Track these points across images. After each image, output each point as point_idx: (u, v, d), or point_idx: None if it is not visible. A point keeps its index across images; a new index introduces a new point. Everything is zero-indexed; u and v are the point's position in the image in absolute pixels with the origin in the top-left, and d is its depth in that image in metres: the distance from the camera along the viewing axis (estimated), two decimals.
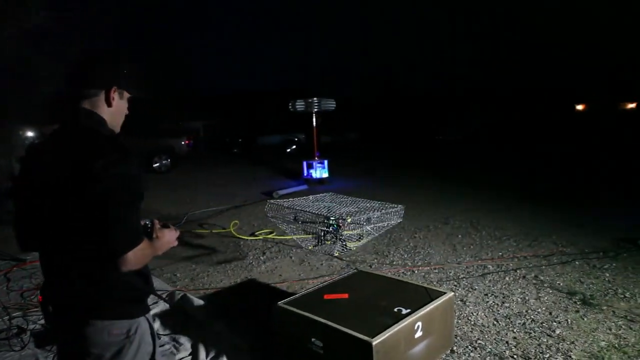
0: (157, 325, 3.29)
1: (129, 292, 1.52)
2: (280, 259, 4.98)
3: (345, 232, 4.29)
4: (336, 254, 4.66)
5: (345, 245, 4.40)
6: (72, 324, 1.49)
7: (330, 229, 4.28)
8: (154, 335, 1.60)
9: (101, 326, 1.47)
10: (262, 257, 5.06)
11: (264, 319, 3.34)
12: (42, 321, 3.21)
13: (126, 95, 1.64)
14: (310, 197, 5.06)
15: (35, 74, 8.04)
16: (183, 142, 14.62)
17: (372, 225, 4.33)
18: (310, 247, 4.57)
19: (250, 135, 21.54)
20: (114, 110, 1.59)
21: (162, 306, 3.68)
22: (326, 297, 2.83)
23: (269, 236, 5.87)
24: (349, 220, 4.19)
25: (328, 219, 4.31)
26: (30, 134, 10.47)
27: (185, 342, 3.04)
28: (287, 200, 4.90)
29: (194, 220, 6.92)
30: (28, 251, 3.35)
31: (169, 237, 1.62)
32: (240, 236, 5.89)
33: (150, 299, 3.65)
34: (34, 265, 4.59)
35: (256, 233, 6.01)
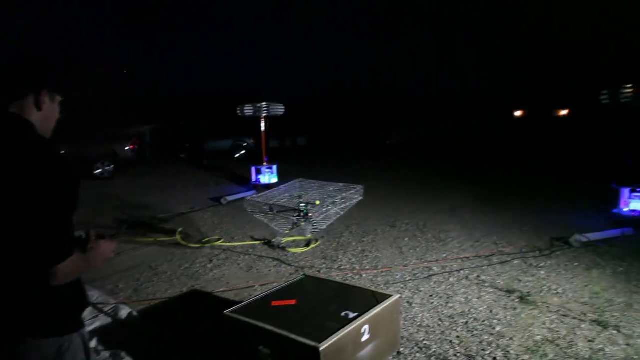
0: (96, 340, 3.14)
1: (60, 307, 1.43)
2: (228, 267, 4.90)
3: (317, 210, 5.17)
4: (309, 235, 5.47)
5: (316, 227, 5.25)
6: (2, 342, 1.40)
7: (302, 215, 5.16)
8: (88, 353, 1.52)
9: (32, 344, 1.38)
10: (209, 265, 4.96)
11: (211, 328, 3.27)
12: None
13: (58, 98, 1.56)
14: (282, 187, 5.56)
15: None
16: (127, 147, 14.12)
17: (338, 208, 5.38)
18: (286, 231, 5.32)
19: (198, 140, 21.08)
20: (45, 115, 1.50)
21: (103, 320, 3.53)
22: (274, 303, 2.81)
23: (217, 243, 5.76)
24: (317, 203, 5.27)
25: (299, 206, 5.19)
26: None
27: (127, 358, 2.92)
28: (261, 195, 5.77)
29: (138, 229, 6.68)
30: None
31: (104, 249, 1.55)
32: (187, 244, 5.75)
33: (90, 313, 3.50)
34: None
35: (203, 240, 5.88)
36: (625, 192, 6.07)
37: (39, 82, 1.48)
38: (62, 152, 11.77)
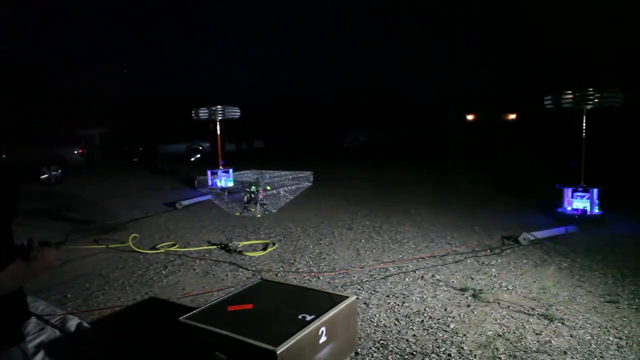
0: (41, 355, 2.98)
1: None
2: (184, 272, 4.79)
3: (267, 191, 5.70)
4: (259, 215, 5.92)
5: (266, 208, 5.85)
6: None
7: (252, 195, 5.60)
8: None
9: None
10: (163, 271, 4.83)
11: (166, 336, 3.19)
12: None
13: None
14: (235, 173, 5.88)
15: None
16: (76, 151, 13.57)
17: (286, 188, 6.02)
18: (237, 214, 5.87)
19: (152, 144, 20.53)
20: None
21: (50, 332, 3.36)
22: (230, 308, 2.76)
23: (172, 249, 5.62)
24: (268, 188, 5.82)
25: (250, 186, 5.69)
26: None
27: None
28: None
29: (87, 236, 6.42)
30: None
31: (49, 257, 1.47)
32: (140, 250, 5.58)
33: (35, 326, 3.33)
34: None
35: (157, 246, 5.72)
36: (568, 192, 6.39)
37: None
38: (2, 156, 11.18)
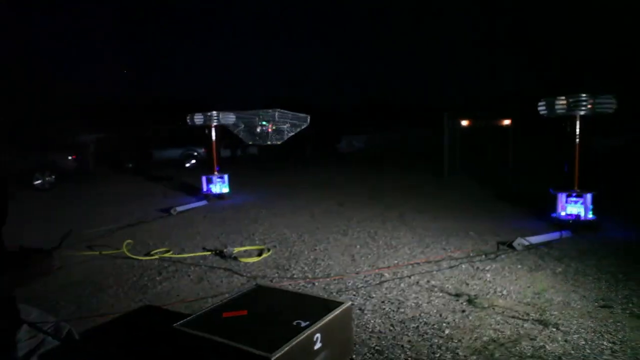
0: None
1: None
2: (178, 279, 4.77)
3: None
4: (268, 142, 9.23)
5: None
6: None
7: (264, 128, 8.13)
8: None
9: None
10: (158, 278, 4.80)
11: (160, 343, 3.17)
12: None
13: None
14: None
15: None
16: (69, 157, 13.51)
17: (289, 125, 8.71)
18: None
19: (147, 149, 20.48)
20: None
21: (41, 340, 3.32)
22: (225, 315, 2.75)
23: (166, 255, 5.60)
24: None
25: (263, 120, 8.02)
26: None
27: None
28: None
29: (81, 242, 6.38)
30: None
31: (42, 264, 1.46)
32: (134, 256, 5.55)
33: (26, 333, 3.30)
34: None
35: (151, 252, 5.69)
36: (562, 197, 6.42)
37: None
38: None
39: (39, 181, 12.39)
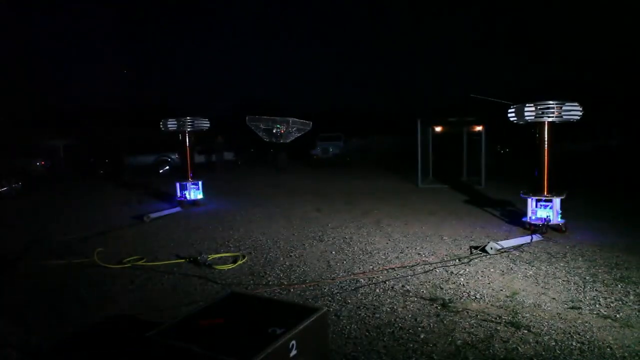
0: None
1: None
2: (151, 287, 4.67)
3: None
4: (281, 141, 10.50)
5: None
6: None
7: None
8: None
9: None
10: (130, 286, 4.70)
11: (133, 354, 3.10)
12: None
13: None
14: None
15: None
16: (38, 163, 13.15)
17: (297, 129, 10.44)
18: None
19: (119, 155, 20.10)
20: None
21: (6, 354, 3.21)
22: (199, 323, 2.71)
23: (138, 263, 5.48)
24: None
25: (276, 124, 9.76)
26: None
27: None
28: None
29: (49, 251, 6.20)
30: None
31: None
32: (105, 264, 5.42)
33: None
34: None
35: (124, 260, 5.57)
36: (532, 201, 6.58)
37: None
38: None
39: (4, 188, 12.00)
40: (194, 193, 9.64)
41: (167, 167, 19.09)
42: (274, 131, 10.64)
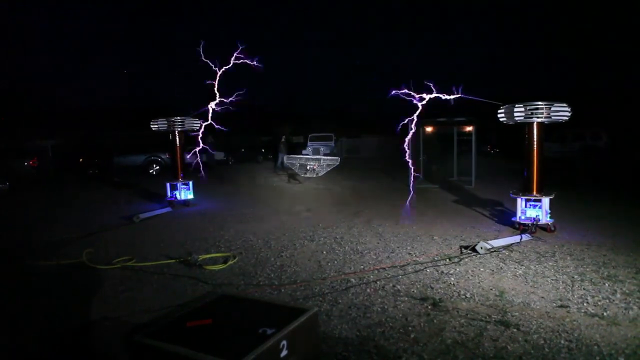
0: None
1: None
2: (141, 288, 4.64)
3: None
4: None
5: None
6: None
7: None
8: None
9: None
10: (120, 287, 4.66)
11: (122, 355, 3.07)
12: None
13: None
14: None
15: None
16: (26, 163, 13.01)
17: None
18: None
19: (108, 155, 19.94)
20: None
21: None
22: (188, 324, 2.70)
23: (128, 263, 5.44)
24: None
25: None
26: None
27: None
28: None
29: (37, 251, 6.13)
30: None
31: None
32: (95, 265, 5.37)
33: None
34: None
35: (113, 261, 5.52)
36: (522, 201, 6.63)
37: None
38: None
39: None
40: (185, 193, 9.59)
41: (157, 167, 18.95)
42: (308, 167, 12.60)
